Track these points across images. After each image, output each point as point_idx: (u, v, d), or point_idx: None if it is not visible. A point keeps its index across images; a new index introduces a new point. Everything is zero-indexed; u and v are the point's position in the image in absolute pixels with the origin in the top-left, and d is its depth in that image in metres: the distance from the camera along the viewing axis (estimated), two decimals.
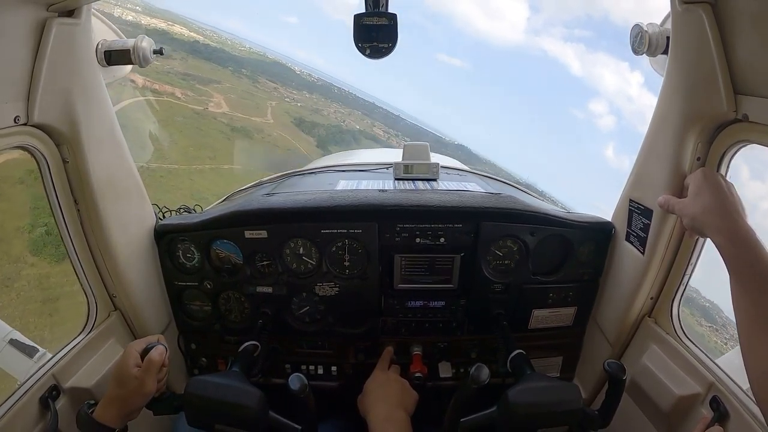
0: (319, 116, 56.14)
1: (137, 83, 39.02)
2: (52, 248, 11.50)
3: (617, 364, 1.12)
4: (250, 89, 56.95)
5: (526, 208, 1.47)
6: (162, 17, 59.16)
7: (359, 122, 56.24)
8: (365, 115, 58.85)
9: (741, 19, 0.92)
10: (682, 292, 1.32)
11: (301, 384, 1.08)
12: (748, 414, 1.03)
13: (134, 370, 1.09)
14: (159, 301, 1.55)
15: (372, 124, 56.03)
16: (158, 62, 40.13)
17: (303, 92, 59.79)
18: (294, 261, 1.52)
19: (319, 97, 59.78)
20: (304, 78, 62.92)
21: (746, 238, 0.91)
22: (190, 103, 44.61)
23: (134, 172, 1.41)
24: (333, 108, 58.21)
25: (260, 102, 55.20)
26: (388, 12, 1.04)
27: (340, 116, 56.76)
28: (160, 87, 42.47)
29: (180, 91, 45.02)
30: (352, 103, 61.71)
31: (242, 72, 59.19)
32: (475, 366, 1.10)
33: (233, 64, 59.33)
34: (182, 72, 50.26)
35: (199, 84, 49.96)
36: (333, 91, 63.15)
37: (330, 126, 53.88)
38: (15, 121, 1.02)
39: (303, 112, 55.96)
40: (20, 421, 1.09)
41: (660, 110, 1.21)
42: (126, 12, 53.50)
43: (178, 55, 53.31)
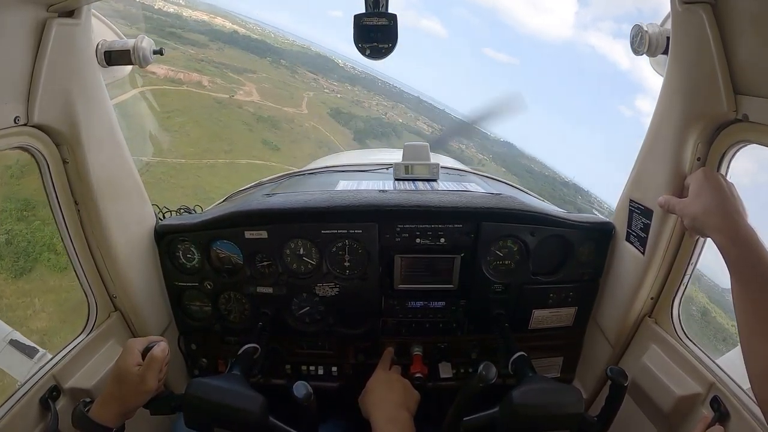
0: (359, 108, 54.20)
1: (158, 74, 37.14)
2: (10, 261, 10.77)
3: (619, 370, 1.11)
4: (287, 79, 55.48)
5: (526, 208, 1.46)
6: (204, 10, 58.34)
7: (402, 116, 53.81)
8: (409, 109, 57.03)
9: (741, 19, 0.92)
10: (682, 292, 1.32)
11: (306, 392, 1.07)
12: (749, 414, 1.03)
13: (135, 368, 1.08)
14: (159, 302, 1.55)
15: (416, 118, 54.49)
16: (193, 51, 36.59)
17: (345, 84, 57.80)
18: (294, 261, 1.52)
19: (362, 89, 57.84)
20: (347, 70, 61.21)
21: (747, 239, 0.91)
22: (215, 92, 43.26)
23: (134, 172, 1.41)
24: (375, 100, 56.03)
25: (296, 92, 54.14)
26: (388, 12, 1.04)
27: (383, 109, 54.61)
28: (185, 76, 41.52)
29: (207, 79, 43.88)
30: (395, 97, 59.66)
31: (281, 63, 57.65)
32: (483, 364, 1.09)
33: (273, 55, 57.91)
34: (216, 61, 49.14)
35: (233, 73, 48.77)
36: (377, 84, 61.89)
37: (370, 118, 51.92)
38: (15, 122, 1.02)
39: (342, 103, 54.00)
40: (20, 422, 1.09)
41: (660, 110, 1.21)
42: (168, 5, 53.26)
43: (215, 45, 52.10)
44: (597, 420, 1.14)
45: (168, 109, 33.56)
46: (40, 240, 11.09)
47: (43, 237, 11.08)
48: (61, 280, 10.32)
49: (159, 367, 1.11)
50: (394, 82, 65.19)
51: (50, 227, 12.36)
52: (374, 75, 63.71)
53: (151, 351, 1.11)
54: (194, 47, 49.01)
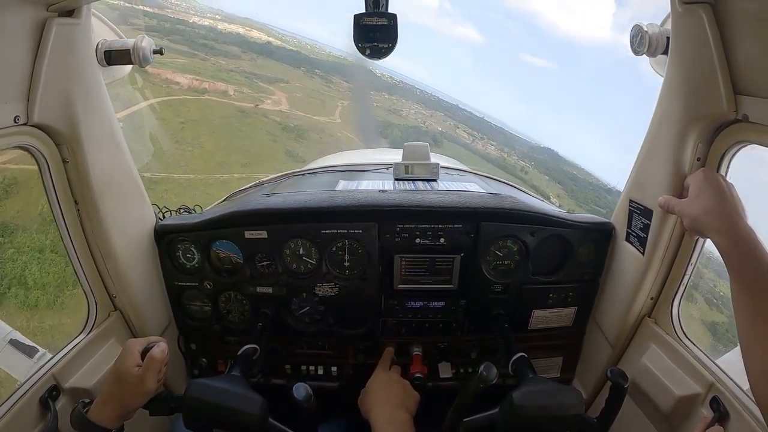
0: (396, 117, 52.93)
1: (182, 84, 36.12)
2: None
3: (619, 372, 1.11)
4: (321, 89, 54.24)
5: (526, 208, 1.47)
6: (240, 23, 57.28)
7: (441, 124, 52.28)
8: (448, 117, 54.94)
9: (741, 19, 0.92)
10: (682, 292, 1.32)
11: (306, 393, 1.07)
12: (748, 414, 1.03)
13: (134, 369, 1.08)
14: (159, 302, 1.55)
15: (455, 126, 52.98)
16: (223, 61, 35.91)
17: (382, 93, 56.83)
18: (294, 261, 1.52)
19: (399, 98, 56.87)
20: (384, 80, 60.28)
21: (747, 239, 0.91)
22: (240, 101, 41.93)
23: (134, 172, 1.41)
24: (413, 109, 54.68)
25: (330, 101, 52.27)
26: (387, 12, 1.04)
27: (421, 117, 53.49)
28: (210, 85, 40.56)
29: (234, 88, 42.95)
30: (434, 105, 57.81)
31: (315, 72, 56.51)
32: (484, 365, 1.09)
33: (307, 65, 56.75)
34: (247, 71, 48.26)
35: (263, 82, 47.92)
36: (414, 92, 60.43)
37: (407, 127, 50.64)
38: (15, 121, 1.02)
39: (378, 112, 52.70)
40: (20, 422, 1.09)
41: (660, 110, 1.21)
42: (203, 19, 53.13)
43: (248, 56, 51.35)
44: (597, 421, 1.14)
45: (184, 119, 32.54)
46: (11, 272, 9.85)
47: (14, 269, 9.87)
48: (30, 319, 9.19)
49: (158, 367, 1.11)
50: (432, 91, 63.79)
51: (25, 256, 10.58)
52: (412, 84, 62.35)
53: (150, 352, 1.11)
54: (226, 58, 48.38)
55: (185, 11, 52.87)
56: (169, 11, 50.69)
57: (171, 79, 36.81)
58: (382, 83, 59.86)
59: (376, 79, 59.86)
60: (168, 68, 38.18)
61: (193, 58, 43.73)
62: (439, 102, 60.48)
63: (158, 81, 35.98)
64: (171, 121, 31.32)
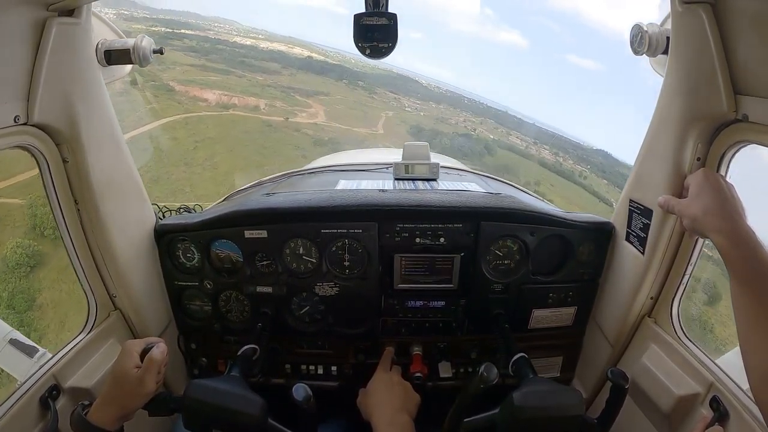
0: (444, 125, 50.83)
1: (210, 100, 34.75)
2: None
3: (620, 372, 1.11)
4: (363, 100, 52.45)
5: (526, 208, 1.47)
6: (283, 41, 55.71)
7: (492, 131, 50.42)
8: (499, 124, 52.02)
9: (741, 19, 0.93)
10: (682, 292, 1.32)
11: (306, 395, 1.07)
12: (748, 414, 1.03)
13: (134, 371, 1.07)
14: (159, 301, 1.55)
15: (507, 132, 51.19)
16: (261, 77, 35.14)
17: (429, 102, 55.26)
18: (294, 261, 1.52)
19: (447, 106, 55.13)
20: (431, 90, 58.58)
21: (747, 240, 0.91)
22: (270, 115, 39.86)
23: (134, 171, 1.41)
24: (462, 117, 52.90)
25: (372, 112, 50.75)
26: (388, 12, 1.04)
27: (471, 125, 51.67)
28: (240, 100, 39.08)
29: (265, 102, 41.47)
30: (482, 112, 55.55)
31: (358, 84, 54.77)
32: (485, 365, 1.09)
33: (350, 77, 54.89)
34: (285, 85, 46.90)
35: (300, 96, 46.35)
36: (462, 101, 58.54)
37: (457, 135, 48.45)
38: (15, 121, 1.02)
39: (425, 121, 50.88)
40: (20, 421, 1.09)
41: (660, 110, 1.21)
42: (245, 39, 52.65)
43: (287, 71, 50.14)
44: (597, 422, 1.14)
45: (199, 138, 30.56)
46: None
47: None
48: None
49: (157, 368, 1.11)
50: (480, 99, 62.09)
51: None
52: (459, 93, 60.75)
53: (149, 353, 1.11)
54: (264, 74, 47.44)
55: (228, 32, 52.46)
56: (211, 33, 49.97)
57: (199, 95, 35.81)
58: (429, 92, 57.91)
59: (423, 89, 58.27)
60: (197, 85, 36.97)
61: (228, 75, 42.71)
62: (488, 109, 58.81)
63: (185, 99, 34.94)
64: (184, 141, 29.63)
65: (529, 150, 46.45)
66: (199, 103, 34.27)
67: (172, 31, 44.53)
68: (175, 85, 35.64)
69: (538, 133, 49.80)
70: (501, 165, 37.92)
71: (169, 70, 37.85)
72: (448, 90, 59.51)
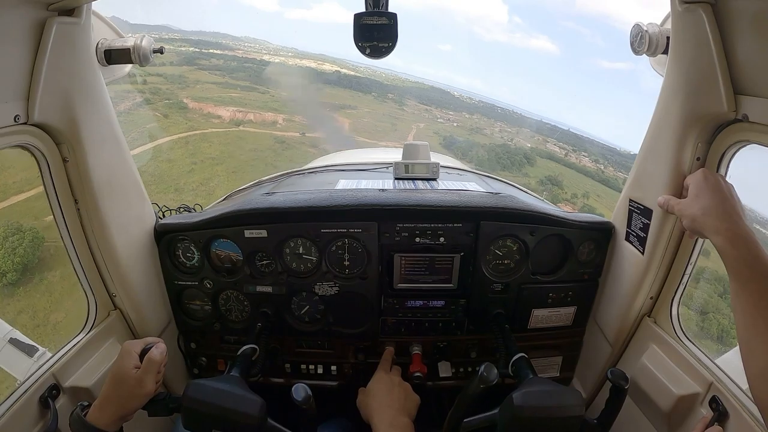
0: (479, 136, 48.76)
1: (224, 117, 33.13)
2: None
3: (620, 373, 1.11)
4: (393, 113, 50.70)
5: (526, 207, 1.47)
6: (313, 58, 54.35)
7: (529, 140, 48.35)
8: (535, 132, 50.28)
9: (741, 19, 0.92)
10: (681, 291, 1.32)
11: (305, 395, 1.07)
12: (748, 414, 1.03)
13: (133, 371, 1.08)
14: (159, 301, 1.55)
15: (544, 140, 49.19)
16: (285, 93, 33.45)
17: (462, 113, 53.33)
18: (294, 260, 1.52)
19: (480, 117, 53.07)
20: (463, 101, 56.62)
21: (746, 240, 0.91)
22: (285, 131, 37.68)
23: (134, 171, 1.41)
24: (497, 127, 50.92)
25: (401, 124, 49.01)
26: (388, 12, 1.04)
27: (507, 135, 49.50)
28: (257, 116, 37.06)
29: (283, 117, 39.23)
30: (517, 121, 53.04)
31: (388, 97, 52.96)
32: (485, 366, 1.09)
33: (379, 90, 52.97)
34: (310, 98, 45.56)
35: (324, 109, 45.07)
36: (496, 111, 56.69)
37: (494, 146, 45.85)
38: (15, 120, 1.02)
39: (459, 132, 49.02)
40: (20, 421, 1.09)
41: (660, 110, 1.21)
42: (275, 57, 51.79)
43: (314, 86, 48.84)
44: (597, 423, 1.14)
45: (199, 159, 28.42)
46: None
47: None
48: None
49: (157, 369, 1.11)
50: (514, 108, 60.02)
51: None
52: (492, 103, 58.72)
53: (148, 353, 1.11)
54: (289, 89, 45.94)
55: (257, 51, 51.62)
56: (239, 52, 49.13)
57: (213, 112, 34.30)
58: (461, 103, 56.04)
59: (454, 100, 56.48)
60: (212, 102, 35.34)
61: (251, 92, 41.21)
62: (522, 118, 56.71)
63: (197, 116, 33.40)
64: (180, 163, 27.54)
65: (569, 158, 44.58)
66: (212, 119, 32.81)
67: (200, 51, 43.57)
68: (189, 102, 34.26)
69: (575, 139, 48.10)
70: (545, 177, 35.66)
71: (189, 88, 36.42)
72: (481, 100, 57.75)
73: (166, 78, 35.91)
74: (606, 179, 41.07)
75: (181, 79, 35.54)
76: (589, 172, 43.40)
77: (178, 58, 30.32)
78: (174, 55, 32.70)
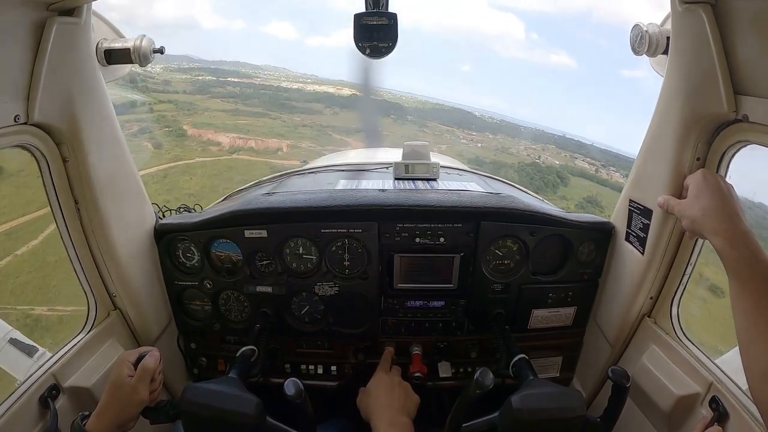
0: (506, 156, 46.75)
1: (223, 144, 31.57)
2: None
3: (621, 371, 1.10)
4: (413, 135, 49.18)
5: (526, 207, 1.46)
6: (332, 84, 53.37)
7: (556, 157, 48.18)
8: (561, 149, 50.77)
9: (741, 19, 0.93)
10: (681, 292, 1.32)
11: (297, 389, 1.07)
12: (748, 414, 1.03)
13: (127, 379, 1.10)
14: (159, 301, 1.55)
15: (572, 156, 47.98)
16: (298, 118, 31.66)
17: (485, 134, 51.24)
18: (294, 260, 1.52)
19: (504, 136, 51.05)
20: (485, 121, 54.52)
21: (746, 241, 0.91)
22: (285, 158, 35.72)
23: (134, 171, 1.41)
24: (522, 145, 49.20)
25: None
26: (388, 12, 1.04)
27: (534, 153, 47.65)
28: (259, 143, 35.29)
29: (287, 143, 37.53)
30: (541, 138, 52.41)
31: (407, 119, 51.08)
32: (480, 371, 1.09)
33: (398, 113, 50.84)
34: (324, 125, 43.63)
35: (338, 134, 42.80)
36: (519, 130, 55.77)
37: (524, 165, 44.10)
38: (15, 120, 1.02)
39: (483, 152, 46.87)
40: (20, 421, 1.09)
41: (660, 110, 1.21)
42: (293, 83, 50.82)
43: (330, 111, 46.68)
44: (600, 421, 1.14)
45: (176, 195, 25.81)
46: None
47: None
48: None
49: (150, 376, 1.13)
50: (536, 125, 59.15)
51: None
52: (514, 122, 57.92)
53: (142, 361, 1.13)
54: (303, 114, 44.09)
55: (276, 78, 50.59)
56: (258, 80, 47.57)
57: (212, 139, 32.31)
58: (483, 123, 54.60)
59: (477, 120, 55.27)
60: (213, 128, 33.59)
61: (261, 118, 39.57)
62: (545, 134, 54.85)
63: (195, 143, 31.63)
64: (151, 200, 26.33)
65: (600, 174, 42.25)
66: (210, 147, 30.96)
67: (216, 79, 42.18)
68: (189, 129, 32.61)
69: (602, 154, 47.38)
70: (583, 198, 33.47)
71: (196, 115, 34.96)
72: (503, 119, 56.28)
73: (176, 105, 34.24)
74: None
75: (191, 106, 33.83)
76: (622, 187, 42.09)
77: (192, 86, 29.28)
78: (189, 84, 31.84)
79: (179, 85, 29.53)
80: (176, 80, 28.17)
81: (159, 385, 1.17)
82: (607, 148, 41.10)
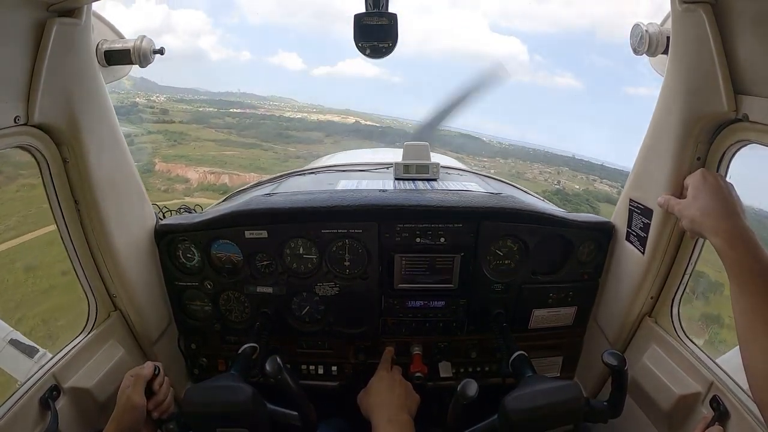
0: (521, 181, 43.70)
1: (191, 180, 29.27)
2: None
3: (615, 355, 1.10)
4: None
5: (526, 207, 1.47)
6: (336, 113, 54.29)
7: (574, 180, 48.72)
8: (575, 171, 50.51)
9: (741, 19, 0.93)
10: (682, 291, 1.32)
11: (274, 366, 1.10)
12: (748, 413, 1.03)
13: (126, 389, 1.18)
14: (159, 301, 1.55)
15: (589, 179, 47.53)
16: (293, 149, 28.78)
17: (496, 159, 53.14)
18: (294, 261, 1.52)
19: (516, 160, 53.86)
20: (494, 146, 56.35)
21: (745, 240, 0.91)
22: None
23: (134, 172, 1.41)
24: (536, 168, 51.21)
25: None
26: (388, 12, 1.04)
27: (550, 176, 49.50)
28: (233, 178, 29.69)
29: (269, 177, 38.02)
30: (553, 161, 52.44)
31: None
32: (463, 382, 1.10)
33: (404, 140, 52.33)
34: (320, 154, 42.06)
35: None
36: (529, 152, 55.40)
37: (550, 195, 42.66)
38: (15, 121, 1.02)
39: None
40: (20, 422, 1.09)
41: (660, 110, 1.21)
42: (297, 113, 50.29)
43: (330, 140, 45.37)
44: (607, 406, 1.14)
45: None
46: None
47: None
48: None
49: (142, 382, 1.19)
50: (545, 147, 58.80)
51: None
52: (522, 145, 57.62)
53: (135, 368, 1.21)
54: (300, 144, 43.57)
55: (279, 108, 50.30)
56: (261, 110, 48.01)
57: (182, 174, 28.91)
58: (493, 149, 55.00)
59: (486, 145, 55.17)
60: (185, 162, 30.35)
61: (252, 149, 36.50)
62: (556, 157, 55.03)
63: (161, 180, 29.05)
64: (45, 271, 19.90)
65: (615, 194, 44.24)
66: (176, 185, 28.41)
67: (217, 110, 41.58)
68: (158, 163, 30.70)
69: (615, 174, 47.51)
70: None
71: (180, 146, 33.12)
72: (511, 143, 56.00)
73: (165, 135, 32.96)
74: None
75: (181, 136, 32.73)
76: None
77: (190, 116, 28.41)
78: (187, 114, 31.10)
79: (177, 115, 28.81)
80: (175, 110, 27.70)
81: (165, 397, 1.23)
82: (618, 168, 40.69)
